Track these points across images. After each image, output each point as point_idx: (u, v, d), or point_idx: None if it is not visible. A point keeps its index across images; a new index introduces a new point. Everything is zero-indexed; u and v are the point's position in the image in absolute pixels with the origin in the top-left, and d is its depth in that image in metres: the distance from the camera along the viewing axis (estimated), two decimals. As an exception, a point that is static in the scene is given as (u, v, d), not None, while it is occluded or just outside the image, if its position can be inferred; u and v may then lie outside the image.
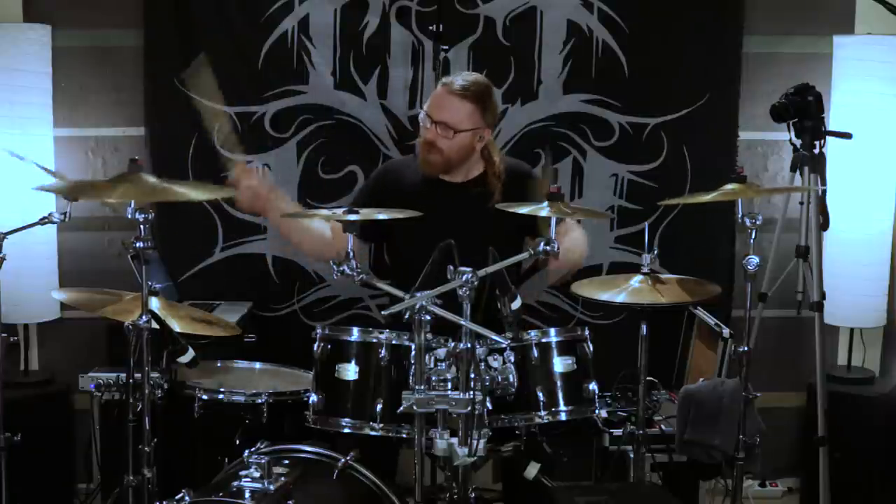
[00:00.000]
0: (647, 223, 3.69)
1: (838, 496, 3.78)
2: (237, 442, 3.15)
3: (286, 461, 2.82)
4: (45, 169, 2.98)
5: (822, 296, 3.77)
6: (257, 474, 2.60)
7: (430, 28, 4.05)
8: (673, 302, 3.31)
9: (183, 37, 4.13)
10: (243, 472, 2.62)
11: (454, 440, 2.58)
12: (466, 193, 3.33)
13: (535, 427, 2.92)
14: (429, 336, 2.62)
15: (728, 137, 4.32)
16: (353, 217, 2.76)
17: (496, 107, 3.37)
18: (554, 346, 2.92)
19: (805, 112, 3.71)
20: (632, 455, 3.48)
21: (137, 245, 2.69)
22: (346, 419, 2.87)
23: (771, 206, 4.22)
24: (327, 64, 4.18)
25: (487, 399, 2.64)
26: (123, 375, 3.14)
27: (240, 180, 3.22)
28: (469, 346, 2.58)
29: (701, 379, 3.60)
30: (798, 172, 3.80)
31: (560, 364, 2.91)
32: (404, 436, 2.82)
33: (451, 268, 2.61)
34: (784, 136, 3.80)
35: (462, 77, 3.32)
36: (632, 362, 3.39)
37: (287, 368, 3.58)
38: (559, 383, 2.91)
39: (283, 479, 2.65)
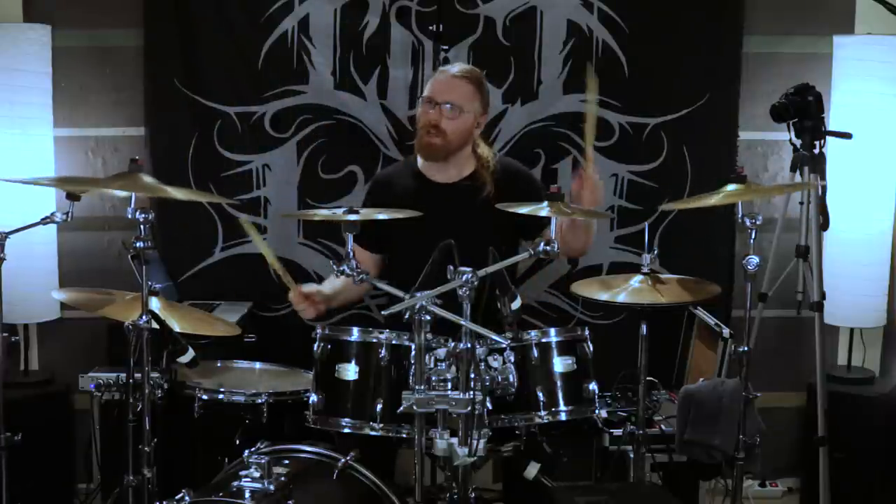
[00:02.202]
0: (647, 223, 3.70)
1: (838, 496, 3.78)
2: (237, 442, 3.15)
3: (286, 461, 2.83)
4: None
5: (822, 296, 3.77)
6: (257, 474, 2.60)
7: (430, 28, 4.06)
8: (673, 302, 3.31)
9: (183, 37, 4.13)
10: (243, 472, 2.62)
11: (454, 440, 2.58)
12: (460, 192, 3.34)
13: (535, 427, 2.93)
14: (429, 336, 2.62)
15: (728, 137, 4.31)
16: (352, 217, 2.77)
17: (489, 97, 3.45)
18: (554, 346, 2.93)
19: (805, 112, 3.71)
20: (632, 455, 3.49)
21: (137, 245, 2.69)
22: (346, 419, 2.87)
23: (771, 206, 4.23)
24: (327, 64, 4.18)
25: (487, 399, 2.64)
26: (123, 375, 3.14)
27: (301, 306, 3.24)
28: (469, 346, 2.58)
29: (701, 379, 3.60)
30: (798, 172, 3.80)
31: (560, 364, 2.92)
32: (404, 436, 2.82)
33: (451, 268, 2.62)
34: (784, 136, 3.79)
35: (457, 65, 3.45)
36: (632, 362, 3.40)
37: (287, 368, 3.58)
38: (559, 383, 2.91)
39: (283, 479, 2.65)
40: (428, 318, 2.58)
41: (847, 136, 3.85)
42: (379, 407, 2.84)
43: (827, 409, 3.75)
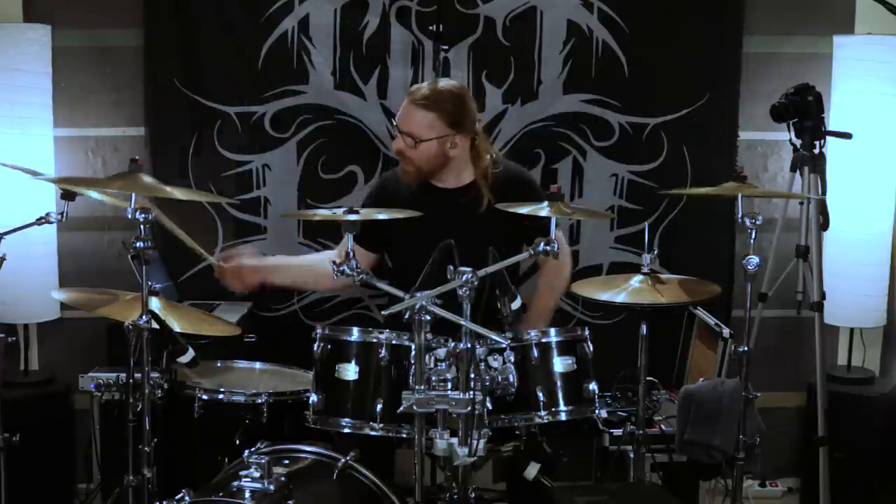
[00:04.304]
0: (647, 223, 3.69)
1: (838, 496, 3.78)
2: (237, 442, 3.15)
3: (286, 461, 2.83)
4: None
5: (822, 296, 3.77)
6: (257, 474, 2.60)
7: (430, 28, 4.05)
8: (673, 302, 3.31)
9: (183, 37, 4.13)
10: (243, 472, 2.62)
11: (454, 440, 2.58)
12: (459, 199, 3.33)
13: (535, 427, 2.92)
14: (429, 336, 2.62)
15: (728, 137, 4.31)
16: (352, 217, 2.77)
17: (471, 111, 3.34)
18: (554, 346, 2.92)
19: (805, 112, 3.71)
20: (632, 455, 3.48)
21: (137, 245, 2.69)
22: (346, 419, 2.87)
23: (771, 206, 4.23)
24: (327, 64, 4.18)
25: (487, 399, 2.64)
26: (123, 375, 3.14)
27: (224, 273, 3.36)
28: (469, 346, 2.58)
29: (701, 379, 3.60)
30: (798, 172, 3.80)
31: (560, 364, 2.91)
32: (404, 436, 2.82)
33: (451, 268, 2.62)
34: (784, 136, 3.80)
35: (427, 85, 3.33)
36: (632, 362, 3.39)
37: (287, 368, 3.58)
38: (559, 383, 2.91)
39: (283, 479, 2.65)
40: (428, 318, 2.58)
41: (847, 136, 3.85)
42: (379, 407, 2.84)
43: (827, 409, 3.75)
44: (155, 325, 2.77)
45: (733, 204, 3.11)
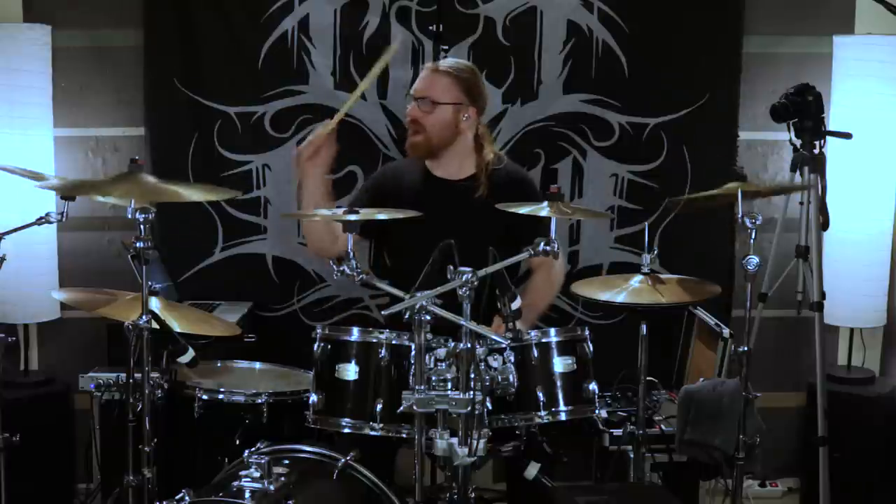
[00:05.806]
0: (647, 223, 3.69)
1: (838, 496, 3.77)
2: (237, 442, 3.15)
3: (286, 461, 2.82)
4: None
5: (822, 296, 3.76)
6: (257, 474, 2.60)
7: (430, 28, 4.05)
8: (673, 302, 3.31)
9: (183, 37, 4.13)
10: (243, 472, 2.62)
11: (454, 440, 2.58)
12: (461, 190, 3.34)
13: (535, 427, 2.92)
14: (429, 336, 2.62)
15: (728, 137, 4.32)
16: (353, 217, 2.77)
17: (483, 90, 3.43)
18: (554, 346, 2.92)
19: (805, 112, 3.70)
20: (632, 455, 3.49)
21: (137, 245, 2.69)
22: (346, 419, 2.87)
23: (771, 206, 4.22)
24: (327, 64, 4.18)
25: (487, 399, 2.64)
26: (123, 375, 3.14)
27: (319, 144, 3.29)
28: (469, 346, 2.58)
29: (701, 379, 3.60)
30: (798, 172, 3.80)
31: (560, 364, 2.91)
32: (404, 436, 2.82)
33: (451, 268, 2.62)
34: (784, 136, 3.79)
35: (447, 60, 3.47)
36: (632, 362, 3.39)
37: (287, 368, 3.58)
38: (559, 383, 2.91)
39: (283, 479, 2.65)
40: (428, 318, 2.58)
41: (847, 136, 3.84)
42: (379, 407, 2.83)
43: (827, 409, 3.75)
44: (155, 325, 2.77)
45: (733, 204, 3.11)
